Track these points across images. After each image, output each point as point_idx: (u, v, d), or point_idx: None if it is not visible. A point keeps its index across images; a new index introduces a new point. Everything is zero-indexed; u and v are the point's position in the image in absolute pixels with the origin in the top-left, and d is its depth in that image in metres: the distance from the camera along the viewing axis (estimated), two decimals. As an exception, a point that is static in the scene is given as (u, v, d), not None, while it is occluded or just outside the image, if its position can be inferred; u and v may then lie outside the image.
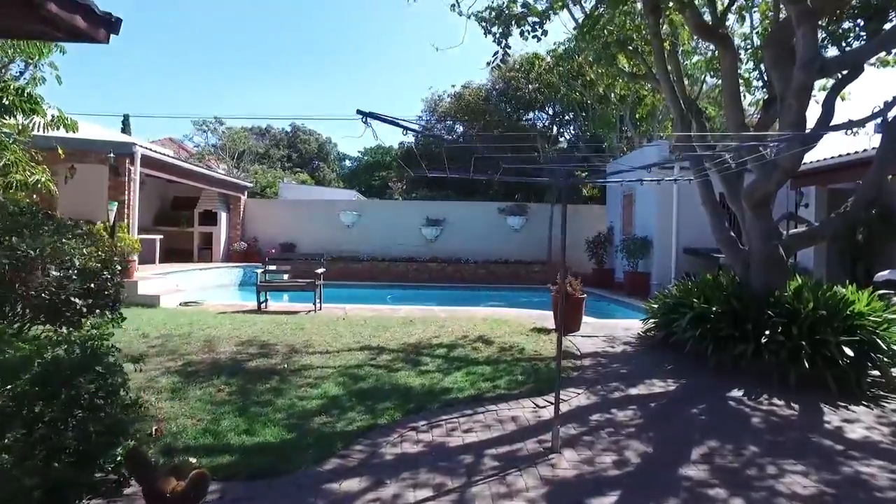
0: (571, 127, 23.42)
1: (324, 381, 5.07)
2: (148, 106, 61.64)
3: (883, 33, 6.33)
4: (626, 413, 4.54)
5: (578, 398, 4.88)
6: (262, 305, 9.25)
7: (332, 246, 16.29)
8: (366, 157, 37.17)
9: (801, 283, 6.34)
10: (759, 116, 8.23)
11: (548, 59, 17.59)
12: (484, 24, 7.93)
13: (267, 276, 9.91)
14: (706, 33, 7.02)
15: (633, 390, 5.14)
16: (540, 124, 23.46)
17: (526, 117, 23.30)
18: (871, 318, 5.54)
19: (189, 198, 16.65)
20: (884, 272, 8.79)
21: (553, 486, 3.21)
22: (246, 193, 17.68)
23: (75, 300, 3.47)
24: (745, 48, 9.11)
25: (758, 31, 8.75)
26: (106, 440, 2.79)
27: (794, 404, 4.78)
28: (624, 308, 11.30)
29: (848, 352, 5.04)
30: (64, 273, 3.37)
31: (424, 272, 15.92)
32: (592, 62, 9.90)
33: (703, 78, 14.63)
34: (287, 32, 57.04)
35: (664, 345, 6.51)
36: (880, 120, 6.80)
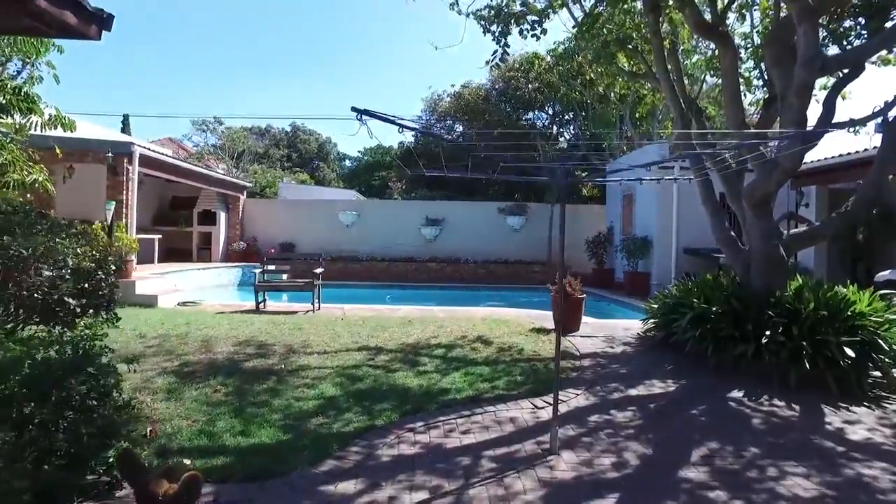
0: (571, 127, 23.37)
1: (321, 382, 5.03)
2: (148, 106, 61.62)
3: (884, 31, 6.29)
4: (626, 414, 4.51)
5: (577, 399, 4.84)
6: (261, 305, 9.22)
7: (331, 246, 16.25)
8: (366, 157, 37.11)
9: (802, 283, 6.31)
10: (759, 116, 8.19)
11: (548, 58, 17.58)
12: (483, 23, 7.89)
13: (265, 276, 9.88)
14: (706, 31, 6.98)
15: (633, 391, 5.10)
16: (540, 124, 23.41)
17: (526, 117, 23.25)
18: (873, 318, 5.50)
19: (188, 197, 16.60)
20: (885, 272, 8.74)
21: (551, 489, 3.18)
22: (245, 193, 17.64)
23: (69, 300, 3.43)
24: (746, 47, 9.07)
25: (758, 30, 8.71)
26: (98, 442, 2.76)
27: (795, 405, 4.75)
28: (624, 308, 11.26)
29: (849, 352, 5.00)
30: (57, 273, 3.33)
31: (424, 272, 15.87)
32: (592, 61, 9.86)
33: (703, 77, 14.59)
34: (287, 32, 57.09)
35: (664, 345, 6.48)
36: (881, 119, 6.77)
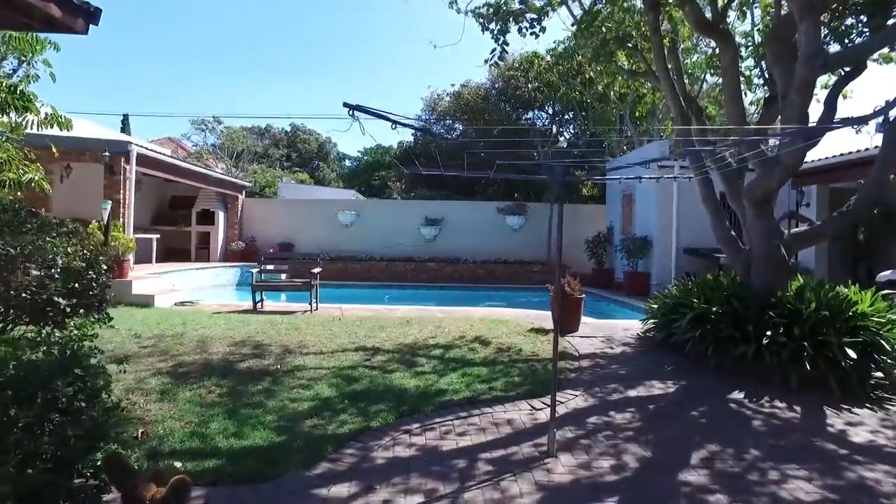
0: (571, 126, 23.33)
1: (317, 383, 4.98)
2: (148, 106, 61.63)
3: (886, 28, 6.24)
4: (625, 415, 4.45)
5: (576, 400, 4.78)
6: (258, 305, 9.16)
7: (330, 246, 16.19)
8: (365, 157, 37.07)
9: (803, 283, 6.25)
10: (759, 115, 8.13)
11: (547, 57, 17.54)
12: (481, 21, 7.83)
13: (262, 275, 9.82)
14: (706, 29, 6.92)
15: (632, 392, 5.04)
16: (539, 123, 23.36)
17: (525, 116, 23.20)
18: (875, 318, 5.45)
19: (186, 197, 16.53)
20: (886, 272, 8.69)
21: (548, 492, 3.12)
22: (244, 193, 17.58)
23: (58, 300, 3.37)
24: (746, 45, 9.02)
25: (759, 28, 8.66)
26: (85, 444, 2.69)
27: (796, 407, 4.69)
28: (623, 308, 11.20)
29: (851, 353, 4.94)
30: (45, 272, 3.27)
31: (423, 272, 15.80)
32: (591, 60, 9.80)
33: (703, 77, 14.57)
34: (287, 32, 57.05)
35: (664, 346, 6.42)
36: (882, 119, 6.71)
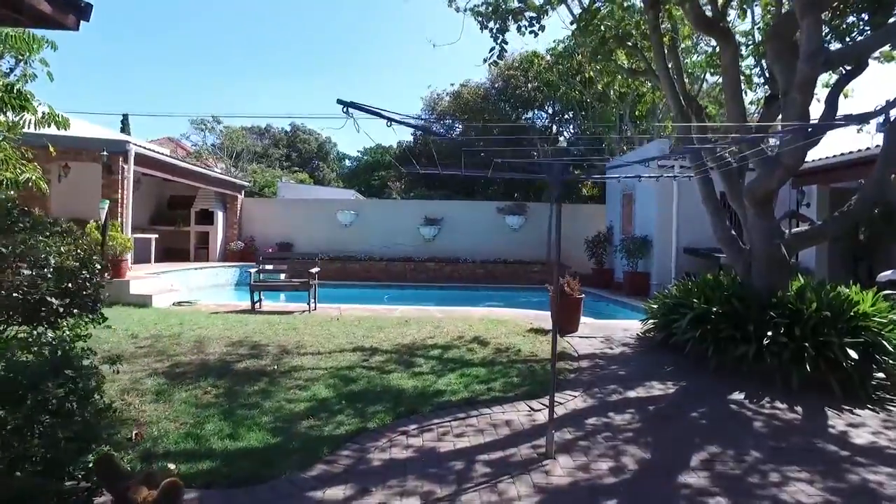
0: (571, 126, 23.29)
1: (314, 383, 4.94)
2: (148, 106, 61.59)
3: (887, 26, 6.19)
4: (624, 417, 4.41)
5: (575, 401, 4.74)
6: (256, 305, 9.12)
7: (329, 245, 16.15)
8: (365, 157, 37.04)
9: (804, 283, 6.21)
10: (760, 115, 8.09)
11: (547, 57, 17.51)
12: (480, 19, 7.79)
13: (261, 275, 9.78)
14: (707, 27, 6.87)
15: (632, 393, 5.00)
16: (539, 123, 23.33)
17: (525, 116, 23.17)
18: (876, 319, 5.40)
19: (185, 197, 16.49)
20: (887, 272, 8.64)
21: (546, 495, 3.08)
22: (243, 192, 17.54)
23: (51, 300, 3.33)
24: (747, 44, 8.97)
25: (759, 27, 8.62)
26: (76, 446, 2.65)
27: (798, 408, 4.65)
28: (623, 308, 11.15)
29: (852, 354, 4.90)
30: (37, 272, 3.23)
31: (422, 272, 15.76)
32: (590, 58, 9.75)
33: (703, 76, 14.53)
34: (286, 33, 57.02)
35: (664, 346, 6.38)
36: (882, 118, 6.66)
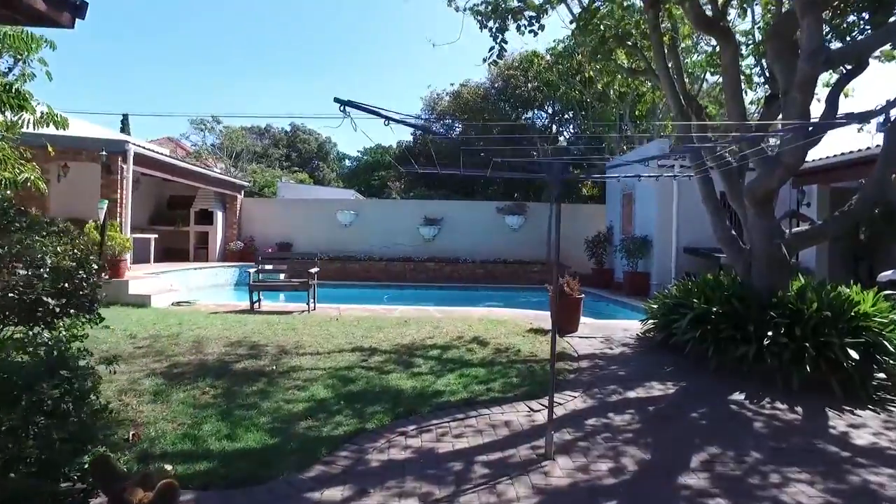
0: (571, 126, 23.28)
1: (312, 384, 4.91)
2: (148, 106, 61.60)
3: (889, 24, 6.17)
4: (624, 417, 4.39)
5: (574, 402, 4.72)
6: (255, 305, 9.10)
7: (329, 245, 16.13)
8: (365, 157, 37.03)
9: (805, 283, 6.19)
10: (760, 114, 8.07)
11: (547, 57, 17.49)
12: (479, 19, 7.76)
13: (261, 275, 9.76)
14: (707, 26, 6.85)
15: (632, 393, 4.98)
16: (539, 123, 23.32)
17: (525, 116, 23.16)
18: (877, 319, 5.38)
19: (185, 197, 16.48)
20: (887, 272, 8.62)
21: (545, 496, 3.06)
22: (242, 192, 17.52)
23: (47, 300, 3.31)
24: (747, 44, 8.95)
25: (759, 26, 8.60)
26: (71, 448, 2.63)
27: (798, 408, 4.63)
28: (623, 308, 11.14)
29: (853, 354, 4.88)
30: (33, 272, 3.21)
31: (422, 272, 15.74)
32: (590, 58, 9.72)
33: (703, 76, 14.51)
34: (286, 33, 57.00)
35: (664, 346, 6.36)
36: (883, 118, 6.64)
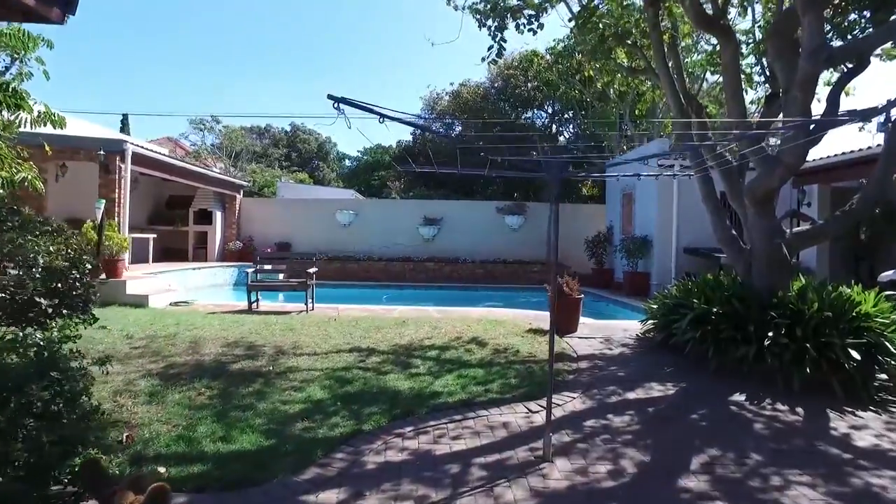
0: (571, 125, 23.23)
1: (309, 385, 4.88)
2: (147, 106, 61.55)
3: (890, 22, 6.12)
4: (623, 418, 4.35)
5: (573, 403, 4.68)
6: (254, 305, 9.06)
7: (328, 245, 16.09)
8: (365, 157, 36.99)
9: (805, 283, 6.15)
10: (760, 114, 8.02)
11: (546, 56, 17.45)
12: (478, 17, 7.72)
13: (259, 275, 9.72)
14: (707, 25, 6.81)
15: (631, 394, 4.94)
16: (539, 122, 23.27)
17: (525, 115, 23.12)
18: (879, 319, 5.34)
19: (184, 196, 16.43)
20: (888, 272, 8.57)
21: (543, 499, 3.02)
22: (242, 192, 17.47)
23: (40, 300, 3.28)
24: (747, 43, 8.91)
25: (760, 25, 8.55)
26: (61, 450, 2.60)
27: (799, 409, 4.58)
28: (623, 308, 11.09)
29: (854, 355, 4.84)
30: (25, 272, 3.17)
31: (421, 272, 15.69)
32: (589, 57, 9.67)
33: (703, 76, 14.47)
34: (286, 33, 56.97)
35: (664, 347, 6.32)
36: (884, 117, 6.60)
